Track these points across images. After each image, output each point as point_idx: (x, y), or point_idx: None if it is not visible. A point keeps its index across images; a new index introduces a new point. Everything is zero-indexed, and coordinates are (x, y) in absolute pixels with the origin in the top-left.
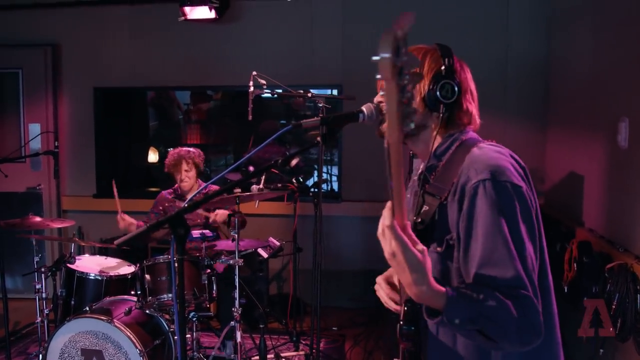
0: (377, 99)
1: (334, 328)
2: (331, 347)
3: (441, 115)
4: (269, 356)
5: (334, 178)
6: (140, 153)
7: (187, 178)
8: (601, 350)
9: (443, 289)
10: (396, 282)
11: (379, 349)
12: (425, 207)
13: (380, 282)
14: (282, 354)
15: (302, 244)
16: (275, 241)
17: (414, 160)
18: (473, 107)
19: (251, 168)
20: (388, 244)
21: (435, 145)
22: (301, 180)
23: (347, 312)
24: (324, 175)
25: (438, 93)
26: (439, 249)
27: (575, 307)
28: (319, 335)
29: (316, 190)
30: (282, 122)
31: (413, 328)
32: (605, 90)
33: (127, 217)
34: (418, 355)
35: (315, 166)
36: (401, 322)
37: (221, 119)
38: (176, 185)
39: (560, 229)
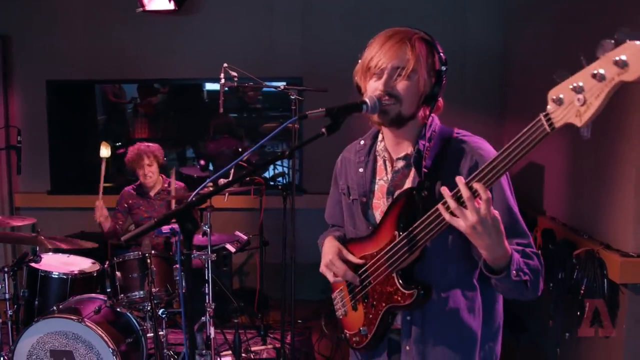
0: (376, 91)
1: (299, 321)
2: (299, 339)
3: (431, 108)
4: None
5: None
6: (92, 148)
7: (151, 173)
8: (567, 334)
9: (510, 247)
10: (351, 259)
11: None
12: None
13: (334, 260)
14: (252, 348)
15: (268, 237)
16: (242, 235)
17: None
18: None
19: (202, 162)
20: (473, 214)
21: (424, 131)
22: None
23: (311, 305)
24: (282, 169)
25: (439, 92)
26: None
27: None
28: (293, 328)
29: (282, 182)
30: (233, 115)
31: (423, 292)
32: None
33: (104, 209)
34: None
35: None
36: (419, 288)
37: (170, 112)
38: (138, 181)
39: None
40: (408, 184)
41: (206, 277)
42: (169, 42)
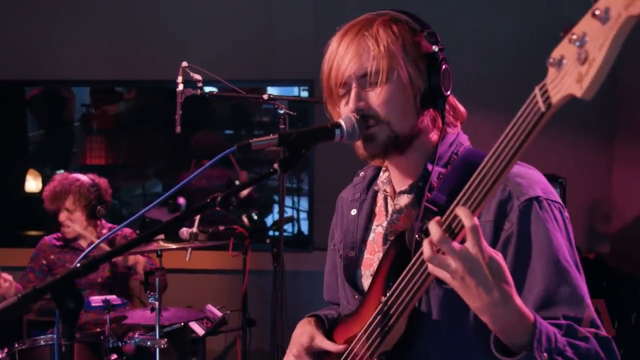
0: (350, 107)
1: None
2: None
3: (441, 111)
4: None
5: (303, 215)
6: (15, 178)
7: (69, 221)
8: None
9: (528, 310)
10: (328, 347)
11: None
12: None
13: (302, 355)
14: None
15: (255, 313)
16: (215, 311)
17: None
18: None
19: (181, 200)
20: (460, 258)
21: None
22: (255, 218)
23: None
24: (289, 212)
25: (440, 83)
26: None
27: None
28: None
29: (276, 234)
30: (228, 132)
31: None
32: None
33: (7, 276)
34: None
35: (276, 197)
36: None
37: (137, 127)
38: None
39: (636, 291)
40: None
41: None
42: (135, 30)
